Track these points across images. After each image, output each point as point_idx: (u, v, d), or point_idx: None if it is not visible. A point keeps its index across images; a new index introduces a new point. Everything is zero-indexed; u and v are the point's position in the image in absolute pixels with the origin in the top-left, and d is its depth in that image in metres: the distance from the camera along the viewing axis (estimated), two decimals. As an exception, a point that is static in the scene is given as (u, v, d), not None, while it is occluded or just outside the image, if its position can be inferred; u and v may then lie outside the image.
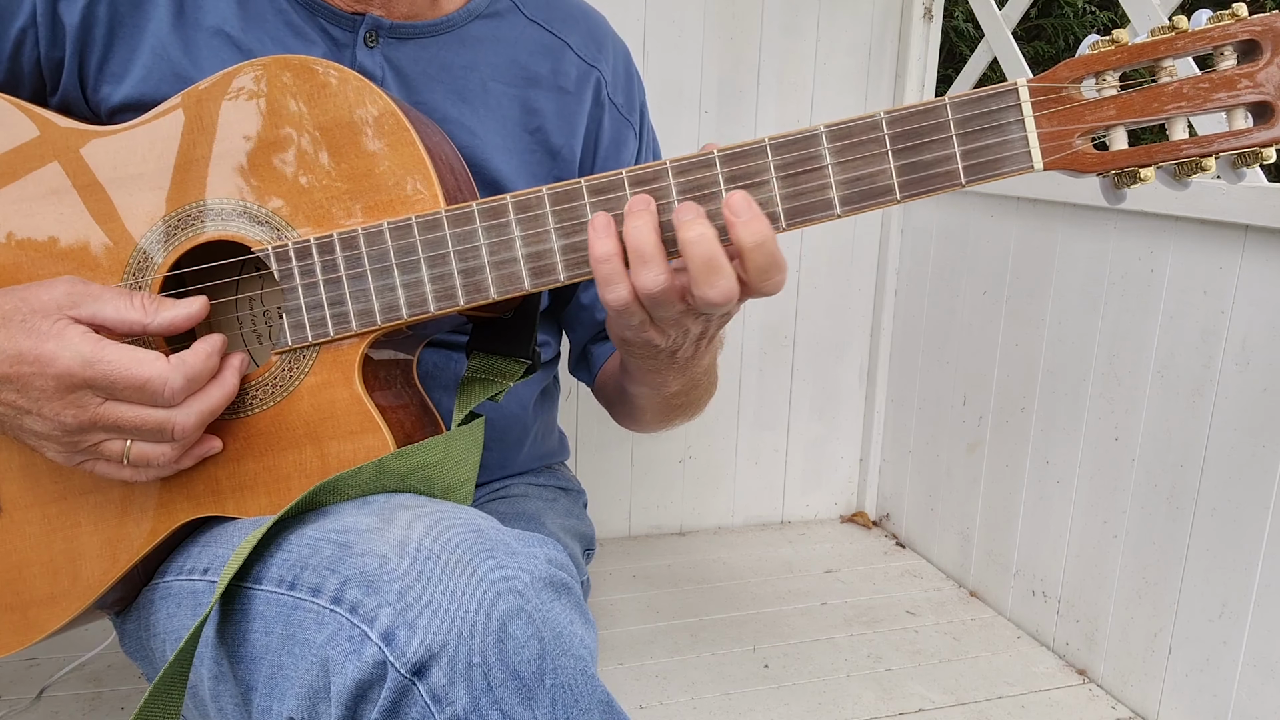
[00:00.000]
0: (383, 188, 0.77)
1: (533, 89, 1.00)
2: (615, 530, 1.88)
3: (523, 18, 1.01)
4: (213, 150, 0.78)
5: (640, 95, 1.12)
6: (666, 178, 0.72)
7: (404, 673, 0.59)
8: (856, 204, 0.71)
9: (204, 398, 0.74)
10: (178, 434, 0.73)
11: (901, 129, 0.70)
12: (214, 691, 0.74)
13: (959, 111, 0.70)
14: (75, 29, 0.86)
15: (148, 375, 0.70)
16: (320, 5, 0.91)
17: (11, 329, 0.71)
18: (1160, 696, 1.28)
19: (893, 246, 1.87)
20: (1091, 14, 2.86)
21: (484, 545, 0.64)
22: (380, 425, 0.77)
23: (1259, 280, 1.14)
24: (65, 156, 0.80)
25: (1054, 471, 1.47)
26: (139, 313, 0.73)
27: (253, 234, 0.78)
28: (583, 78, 1.03)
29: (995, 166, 0.70)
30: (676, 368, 0.84)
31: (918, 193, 0.71)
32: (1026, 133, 0.70)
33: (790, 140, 0.71)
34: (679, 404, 0.98)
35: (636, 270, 0.69)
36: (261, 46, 0.89)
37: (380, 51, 0.92)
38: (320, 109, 0.77)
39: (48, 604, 0.81)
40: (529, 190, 0.74)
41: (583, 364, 1.15)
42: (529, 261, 0.74)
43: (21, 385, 0.71)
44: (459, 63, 0.96)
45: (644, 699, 1.31)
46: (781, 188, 0.71)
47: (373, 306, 0.76)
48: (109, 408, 0.71)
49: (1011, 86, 0.69)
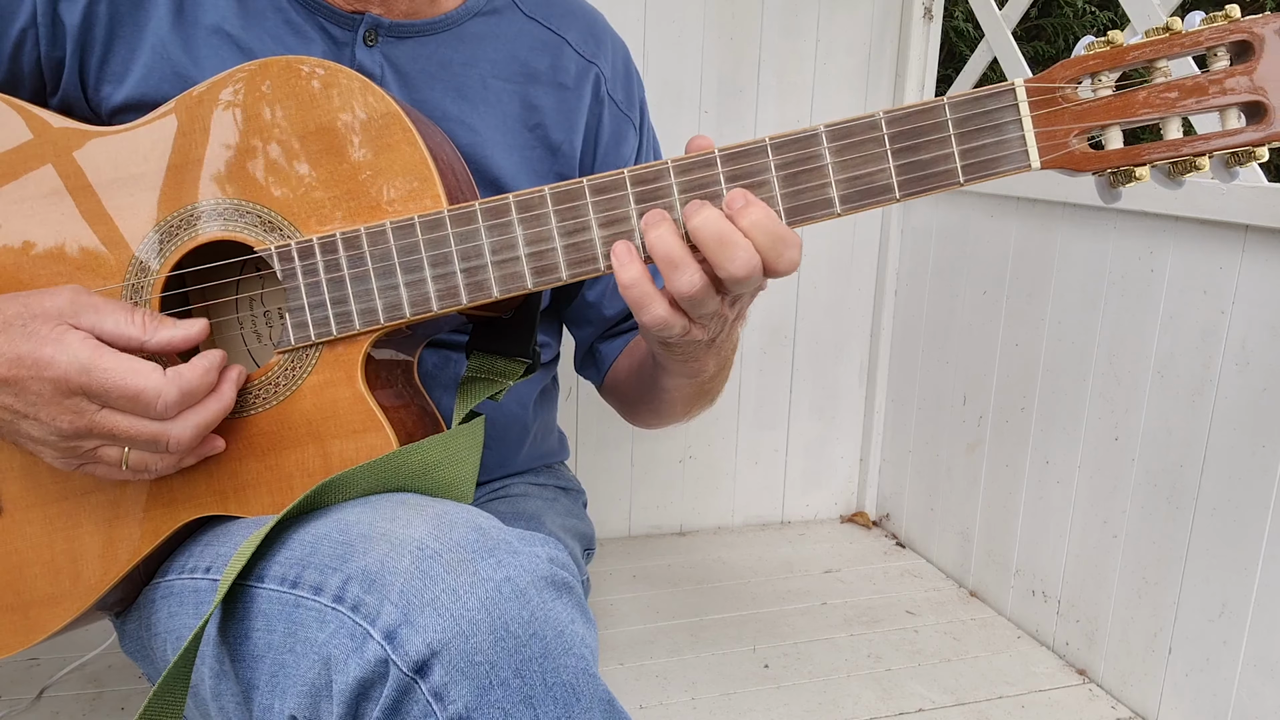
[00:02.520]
0: (385, 187, 0.77)
1: (532, 85, 1.00)
2: (615, 530, 1.88)
3: (521, 15, 1.01)
4: (213, 149, 0.78)
5: (640, 92, 1.12)
6: (668, 177, 0.73)
7: (406, 671, 0.59)
8: (856, 203, 0.72)
9: (200, 411, 0.74)
10: (172, 447, 0.73)
11: (900, 129, 0.71)
12: (215, 690, 0.74)
13: (957, 111, 0.71)
14: (76, 29, 0.86)
15: (141, 386, 0.70)
16: (319, 4, 0.91)
17: (12, 333, 0.71)
18: (1160, 696, 1.28)
19: (893, 246, 1.87)
20: (1091, 14, 2.86)
21: (486, 544, 0.64)
22: (383, 424, 0.77)
23: (1259, 280, 1.14)
24: (65, 157, 0.80)
25: (1054, 471, 1.47)
26: (138, 330, 0.73)
27: (254, 234, 0.78)
28: (582, 74, 1.04)
29: (993, 165, 0.71)
30: (714, 351, 0.85)
31: (917, 191, 0.72)
32: (1024, 132, 0.71)
33: (790, 140, 0.72)
34: (710, 388, 0.98)
35: (670, 276, 0.71)
36: (261, 45, 0.89)
37: (379, 50, 0.92)
38: (321, 109, 0.77)
39: (49, 604, 0.81)
40: (531, 190, 0.74)
41: (589, 362, 1.15)
42: (531, 260, 0.75)
43: (19, 389, 0.71)
44: (458, 60, 0.96)
45: (644, 699, 1.31)
46: (782, 187, 0.72)
47: (376, 305, 0.76)
48: (105, 415, 0.71)
49: (1009, 87, 0.70)
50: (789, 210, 0.72)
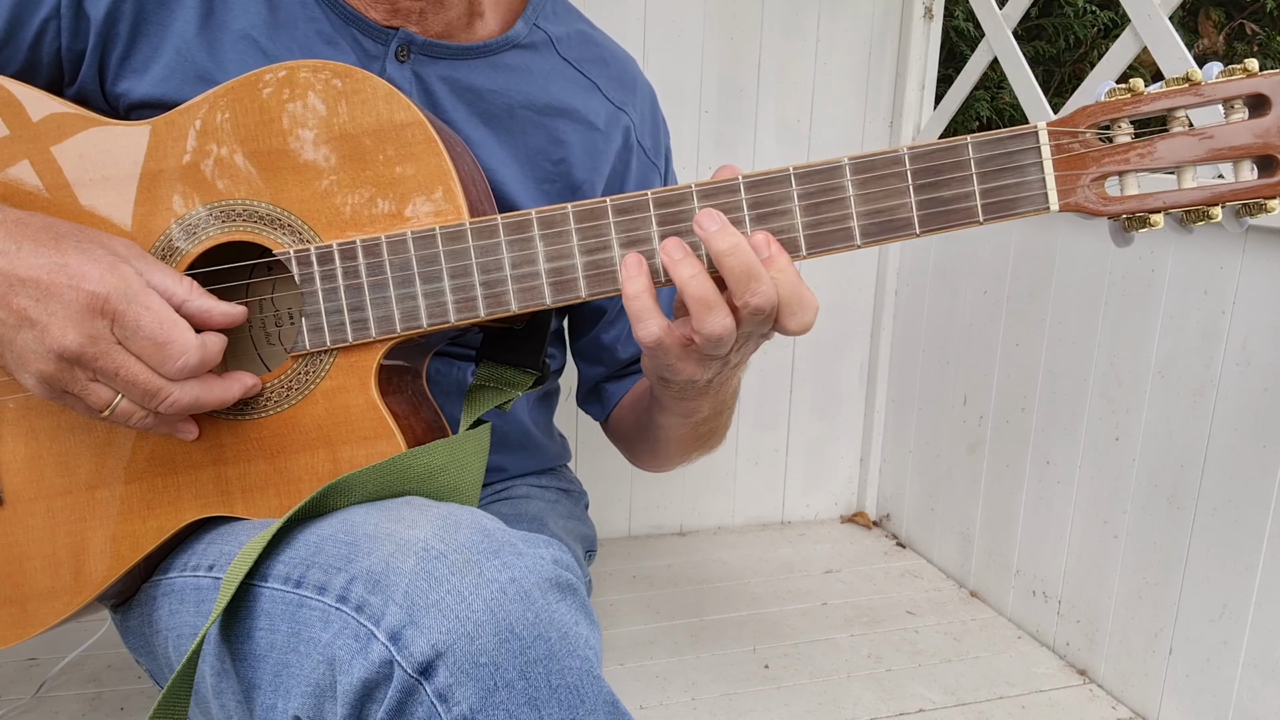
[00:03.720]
0: (407, 196, 0.77)
1: (561, 120, 1.00)
2: (615, 530, 1.88)
3: (556, 55, 1.01)
4: (236, 150, 0.78)
5: (666, 140, 1.13)
6: (691, 201, 0.73)
7: (410, 672, 0.59)
8: (876, 236, 0.73)
9: (204, 386, 0.73)
10: (164, 407, 0.72)
11: (923, 165, 0.72)
12: (216, 688, 0.74)
13: (980, 150, 0.72)
14: (100, 23, 0.85)
15: (174, 338, 0.70)
16: (354, 15, 0.90)
17: (65, 245, 0.71)
18: (1161, 697, 1.28)
19: (893, 246, 1.87)
20: (1092, 14, 2.86)
21: (491, 546, 0.64)
22: (394, 431, 0.77)
23: (1259, 280, 1.15)
24: (88, 150, 0.79)
25: (1054, 472, 1.47)
26: (183, 290, 0.73)
27: (273, 236, 0.78)
28: (612, 120, 1.04)
29: (1013, 206, 0.72)
30: (711, 393, 0.85)
31: (936, 228, 0.73)
32: (1044, 175, 0.72)
33: (814, 170, 0.72)
34: (705, 431, 0.98)
35: (703, 317, 0.70)
36: (289, 54, 0.88)
37: (410, 67, 0.92)
38: (347, 115, 0.77)
39: (48, 598, 0.81)
40: (554, 206, 0.75)
41: (593, 398, 1.16)
42: (551, 276, 0.75)
43: (45, 294, 0.69)
44: (488, 87, 0.96)
45: (644, 699, 1.31)
46: (803, 216, 0.73)
47: (393, 314, 0.76)
48: (118, 351, 0.70)
49: (1032, 129, 0.72)
50: (809, 240, 0.73)
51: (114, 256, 0.71)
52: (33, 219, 0.73)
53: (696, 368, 0.76)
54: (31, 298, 0.69)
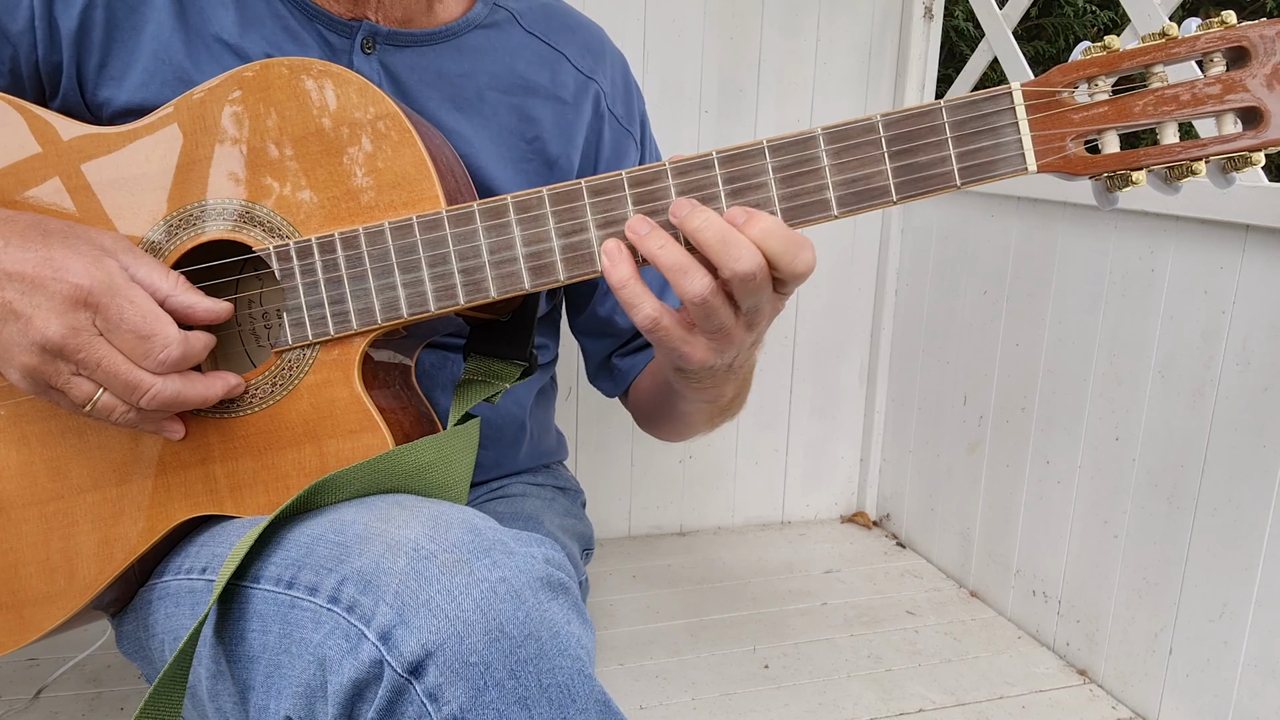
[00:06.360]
0: (384, 188, 0.77)
1: (530, 98, 1.00)
2: (615, 530, 1.88)
3: (520, 29, 1.01)
4: (214, 150, 0.79)
5: (640, 106, 1.12)
6: (666, 179, 0.73)
7: (400, 672, 0.59)
8: (853, 205, 0.72)
9: (187, 382, 0.73)
10: (145, 401, 0.72)
11: (897, 131, 0.71)
12: (212, 691, 0.74)
13: (954, 114, 0.71)
14: (72, 34, 0.86)
15: (156, 332, 0.70)
16: (317, 10, 0.91)
17: (52, 240, 0.71)
18: (1161, 697, 1.28)
19: (893, 246, 1.87)
20: (1092, 13, 2.85)
21: (481, 545, 0.64)
22: (379, 424, 0.77)
23: (1259, 280, 1.14)
24: (68, 158, 0.80)
25: (1054, 471, 1.47)
26: (168, 285, 0.74)
27: (253, 234, 0.78)
28: (581, 89, 1.03)
29: (990, 169, 0.71)
30: (733, 375, 0.84)
31: (914, 194, 0.72)
32: (1021, 136, 0.71)
33: (788, 142, 0.72)
34: (730, 407, 0.98)
35: (680, 283, 0.70)
36: (258, 50, 0.89)
37: (377, 58, 0.92)
38: (320, 110, 0.77)
39: (44, 603, 0.81)
40: (529, 190, 0.74)
41: (605, 374, 1.15)
42: (529, 261, 0.75)
43: (31, 287, 0.69)
44: (455, 71, 0.96)
45: (644, 699, 1.30)
46: (779, 189, 0.72)
47: (373, 305, 0.76)
48: (100, 344, 0.70)
49: (1006, 90, 0.71)
50: (786, 212, 0.72)
51: (100, 251, 0.72)
52: (20, 216, 0.74)
53: (707, 352, 0.75)
54: (18, 291, 0.70)
